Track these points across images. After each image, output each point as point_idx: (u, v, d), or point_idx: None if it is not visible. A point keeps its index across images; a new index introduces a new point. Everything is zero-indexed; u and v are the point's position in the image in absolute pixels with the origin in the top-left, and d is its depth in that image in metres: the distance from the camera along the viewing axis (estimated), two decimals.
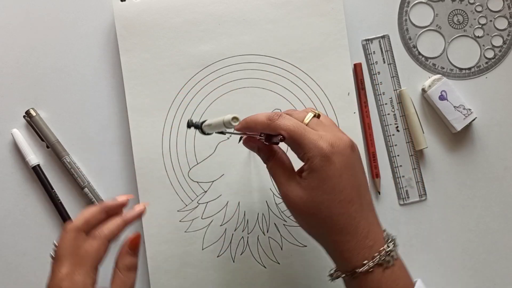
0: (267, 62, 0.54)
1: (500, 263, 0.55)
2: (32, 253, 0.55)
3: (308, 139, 0.39)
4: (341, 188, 0.38)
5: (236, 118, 0.38)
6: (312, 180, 0.39)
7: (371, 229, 0.39)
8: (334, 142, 0.39)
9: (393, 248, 0.39)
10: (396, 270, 0.39)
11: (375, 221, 0.40)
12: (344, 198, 0.38)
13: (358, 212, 0.39)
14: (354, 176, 0.39)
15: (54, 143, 0.54)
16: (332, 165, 0.38)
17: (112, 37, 0.55)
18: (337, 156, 0.38)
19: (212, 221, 0.53)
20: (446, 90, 0.54)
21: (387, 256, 0.38)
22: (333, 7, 0.53)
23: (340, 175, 0.38)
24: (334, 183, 0.38)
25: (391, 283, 0.38)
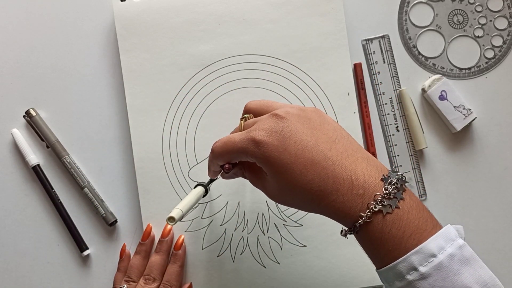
0: (267, 62, 0.54)
1: (500, 263, 0.55)
2: (32, 253, 0.55)
3: (239, 143, 0.38)
4: (293, 159, 0.36)
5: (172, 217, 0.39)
6: (269, 169, 0.37)
7: (355, 177, 0.35)
8: (263, 126, 0.38)
9: (394, 190, 0.35)
10: (403, 214, 0.34)
11: (360, 166, 0.36)
12: (303, 165, 0.36)
13: (328, 168, 0.35)
14: (302, 139, 0.36)
15: (54, 143, 0.54)
16: (269, 145, 0.36)
17: (112, 37, 0.55)
18: (271, 135, 0.37)
19: (212, 221, 0.53)
20: (446, 90, 0.54)
21: (386, 200, 0.34)
22: (333, 7, 0.53)
23: (285, 149, 0.36)
24: (284, 159, 0.36)
25: (395, 230, 0.34)
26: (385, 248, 0.34)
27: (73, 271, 0.54)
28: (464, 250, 0.34)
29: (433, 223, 0.35)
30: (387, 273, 0.35)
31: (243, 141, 0.38)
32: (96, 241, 0.55)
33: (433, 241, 0.34)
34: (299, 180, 0.36)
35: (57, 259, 0.55)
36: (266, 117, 0.39)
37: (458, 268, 0.33)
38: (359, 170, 0.36)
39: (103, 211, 0.54)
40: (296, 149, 0.36)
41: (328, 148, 0.37)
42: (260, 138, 0.37)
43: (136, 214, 0.54)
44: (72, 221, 0.54)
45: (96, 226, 0.55)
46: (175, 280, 0.51)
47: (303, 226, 0.53)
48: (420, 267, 0.33)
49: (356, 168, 0.36)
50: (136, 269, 0.51)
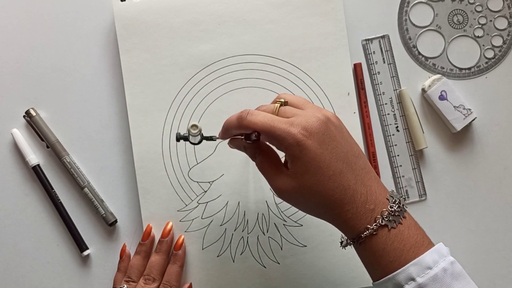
0: (267, 62, 0.54)
1: (500, 263, 0.55)
2: (32, 253, 0.55)
3: (279, 130, 0.38)
4: (326, 165, 0.38)
5: (195, 125, 0.39)
6: (297, 168, 0.38)
7: (370, 192, 0.38)
8: (306, 124, 0.38)
9: (398, 208, 0.38)
10: (404, 230, 0.38)
11: (373, 183, 0.39)
12: (333, 172, 0.38)
13: (351, 181, 0.38)
14: (337, 147, 0.39)
15: (54, 143, 0.54)
16: (311, 147, 0.38)
17: (112, 37, 0.55)
18: (313, 137, 0.38)
19: (212, 221, 0.53)
20: (446, 90, 0.54)
21: (391, 216, 0.38)
22: (333, 7, 0.53)
23: (322, 153, 0.38)
24: (318, 163, 0.38)
25: (397, 244, 0.37)
26: (386, 259, 0.37)
27: (73, 271, 0.54)
28: (454, 266, 0.37)
29: (428, 240, 0.39)
30: (386, 283, 0.37)
31: (284, 131, 0.38)
32: (96, 241, 0.55)
33: (429, 254, 0.37)
34: (324, 185, 0.38)
35: (57, 259, 0.55)
36: (309, 116, 0.39)
37: (450, 281, 0.36)
38: (373, 188, 0.39)
39: (103, 211, 0.54)
40: (331, 156, 0.38)
41: (354, 162, 0.39)
42: (302, 137, 0.38)
43: (136, 214, 0.54)
44: (72, 221, 0.54)
45: (96, 226, 0.55)
46: (175, 280, 0.51)
47: (303, 226, 0.53)
48: (417, 278, 0.36)
49: (371, 185, 0.39)
50: (136, 269, 0.51)
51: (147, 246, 0.52)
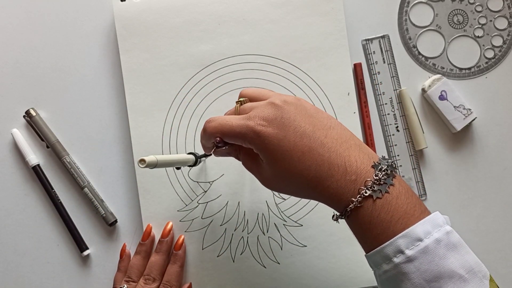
0: (267, 62, 0.54)
1: (500, 263, 0.55)
2: (32, 253, 0.55)
3: (237, 127, 0.38)
4: (292, 147, 0.37)
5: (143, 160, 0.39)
6: (266, 158, 0.38)
7: (349, 163, 0.36)
8: (263, 114, 0.38)
9: (384, 176, 0.36)
10: (392, 199, 0.35)
11: (353, 153, 0.37)
12: (302, 152, 0.37)
13: (324, 155, 0.37)
14: (299, 127, 0.38)
15: (54, 143, 0.54)
16: (270, 135, 0.37)
17: (112, 37, 0.55)
18: (271, 124, 0.38)
19: (212, 221, 0.53)
20: (446, 90, 0.54)
21: (376, 185, 0.35)
22: (333, 7, 0.53)
23: (284, 137, 0.37)
24: (283, 147, 0.37)
25: (384, 215, 0.35)
26: (374, 232, 0.35)
27: (73, 271, 0.54)
28: (451, 236, 0.35)
29: (421, 209, 0.36)
30: (375, 256, 0.36)
31: (242, 127, 0.38)
32: (96, 241, 0.55)
33: (420, 226, 0.35)
34: (296, 166, 0.37)
35: (57, 259, 0.55)
36: (265, 105, 0.39)
37: (444, 252, 0.34)
38: (352, 157, 0.37)
39: (103, 211, 0.54)
40: (295, 136, 0.37)
41: (324, 135, 0.38)
42: (260, 127, 0.38)
43: (136, 214, 0.54)
44: (72, 221, 0.54)
45: (96, 226, 0.55)
46: (175, 280, 0.51)
47: (303, 226, 0.53)
48: (406, 250, 0.34)
49: (349, 155, 0.37)
50: (136, 269, 0.51)
51: (147, 246, 0.52)
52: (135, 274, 0.51)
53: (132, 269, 0.51)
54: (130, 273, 0.51)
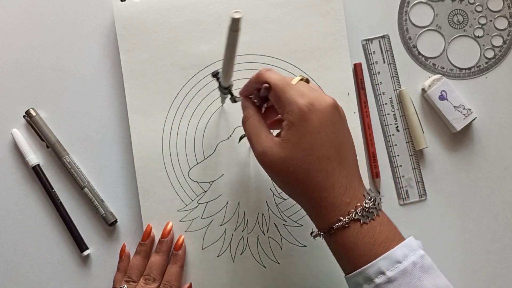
0: (267, 62, 0.54)
1: (500, 263, 0.55)
2: (32, 253, 0.55)
3: (289, 94, 0.39)
4: (319, 145, 0.38)
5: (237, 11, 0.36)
6: (291, 137, 0.39)
7: (349, 186, 0.39)
8: (315, 100, 0.39)
9: (373, 205, 0.39)
10: (376, 225, 0.38)
11: (355, 180, 0.40)
12: (323, 155, 0.38)
13: (336, 169, 0.39)
14: (334, 134, 0.39)
15: (54, 143, 0.54)
16: (311, 121, 0.38)
17: (112, 37, 0.55)
18: (316, 113, 0.38)
19: (212, 221, 0.53)
20: (446, 90, 0.54)
21: (365, 211, 0.38)
22: (333, 7, 0.53)
23: (319, 132, 0.38)
24: (312, 140, 0.38)
25: (369, 238, 0.38)
26: (357, 253, 0.38)
27: (73, 271, 0.54)
28: (424, 259, 0.38)
29: (399, 236, 0.40)
30: (357, 277, 0.38)
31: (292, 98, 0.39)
32: (96, 241, 0.55)
33: (399, 249, 0.37)
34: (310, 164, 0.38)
35: (57, 259, 0.55)
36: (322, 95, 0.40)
37: (419, 275, 0.37)
38: (354, 183, 0.40)
39: (103, 211, 0.54)
40: (326, 139, 0.39)
41: (345, 155, 0.40)
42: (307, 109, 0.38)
43: (136, 214, 0.54)
44: (72, 221, 0.54)
45: (96, 226, 0.55)
46: (175, 280, 0.51)
47: (303, 226, 0.53)
48: (387, 272, 0.37)
49: (353, 181, 0.40)
50: (136, 269, 0.51)
51: (147, 246, 0.52)
52: (135, 274, 0.51)
53: (132, 269, 0.51)
54: (130, 273, 0.51)
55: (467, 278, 0.54)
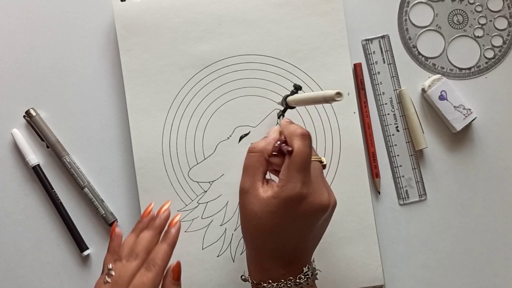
0: (267, 62, 0.54)
1: (500, 263, 0.55)
2: (32, 253, 0.55)
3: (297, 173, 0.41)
4: (284, 230, 0.41)
5: (339, 93, 0.38)
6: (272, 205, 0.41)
7: (292, 261, 0.42)
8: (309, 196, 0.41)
9: (302, 283, 0.42)
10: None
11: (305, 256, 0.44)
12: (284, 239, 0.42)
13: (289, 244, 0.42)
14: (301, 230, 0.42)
15: (54, 143, 0.54)
16: (293, 210, 0.41)
17: (112, 37, 0.55)
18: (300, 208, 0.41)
19: (212, 221, 0.53)
20: (446, 90, 0.54)
21: (294, 285, 0.42)
22: (333, 7, 0.53)
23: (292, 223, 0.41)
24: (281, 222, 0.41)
25: None
26: None
27: (73, 271, 0.54)
28: None
29: None
30: None
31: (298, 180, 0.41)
32: (96, 241, 0.55)
33: None
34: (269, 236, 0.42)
35: (57, 259, 0.55)
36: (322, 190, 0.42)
37: None
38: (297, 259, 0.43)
39: (103, 211, 0.54)
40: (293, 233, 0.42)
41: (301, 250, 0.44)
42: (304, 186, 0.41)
43: (136, 214, 0.54)
44: (72, 221, 0.54)
45: (96, 226, 0.55)
46: (161, 259, 0.44)
47: None
48: None
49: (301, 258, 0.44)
50: (127, 248, 0.45)
51: (144, 224, 0.47)
52: (125, 252, 0.45)
53: (123, 247, 0.45)
54: (121, 251, 0.45)
55: (467, 278, 0.54)
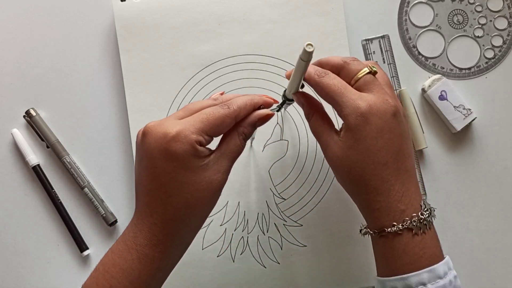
0: (267, 62, 0.54)
1: (500, 263, 0.55)
2: (32, 253, 0.55)
3: (346, 98, 0.39)
4: (375, 150, 0.39)
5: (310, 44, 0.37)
6: (348, 139, 0.39)
7: (405, 194, 0.39)
8: (374, 104, 0.39)
9: (427, 218, 0.39)
10: (427, 239, 0.39)
11: (411, 188, 0.40)
12: (378, 160, 0.39)
13: (392, 176, 0.39)
14: (391, 140, 0.39)
15: (54, 143, 0.54)
16: (368, 125, 0.38)
17: (112, 37, 0.55)
18: (374, 117, 0.38)
19: (212, 221, 0.53)
20: (446, 90, 0.54)
21: (419, 223, 0.39)
22: (333, 7, 0.53)
23: (376, 137, 0.38)
24: (368, 144, 0.38)
25: (418, 249, 0.39)
26: (404, 260, 0.39)
27: (73, 271, 0.54)
28: (456, 280, 0.40)
29: (442, 253, 0.41)
30: (397, 282, 0.39)
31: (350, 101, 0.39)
32: (96, 241, 0.55)
33: (442, 266, 0.39)
34: (365, 168, 0.39)
35: (57, 259, 0.55)
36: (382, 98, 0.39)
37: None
38: (410, 191, 0.40)
39: (103, 211, 0.54)
40: (383, 145, 0.39)
41: (402, 161, 0.40)
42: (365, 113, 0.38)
43: None
44: (72, 221, 0.54)
45: (96, 226, 0.55)
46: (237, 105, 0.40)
47: (303, 226, 0.53)
48: (428, 284, 0.38)
49: (409, 188, 0.40)
50: None
51: None
52: None
53: None
54: None
55: (467, 278, 0.54)
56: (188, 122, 0.38)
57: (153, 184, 0.39)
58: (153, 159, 0.38)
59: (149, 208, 0.39)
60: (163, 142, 0.37)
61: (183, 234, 0.40)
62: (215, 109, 0.39)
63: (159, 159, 0.38)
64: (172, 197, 0.38)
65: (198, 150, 0.38)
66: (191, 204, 0.39)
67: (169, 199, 0.38)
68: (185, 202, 0.38)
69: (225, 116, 0.39)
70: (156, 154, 0.38)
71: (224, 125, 0.39)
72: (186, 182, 0.38)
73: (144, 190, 0.40)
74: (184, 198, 0.38)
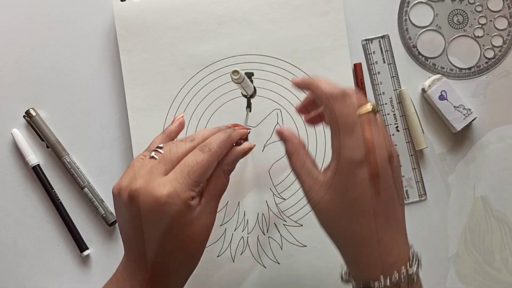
0: (267, 62, 0.54)
1: (500, 263, 0.55)
2: (32, 253, 0.55)
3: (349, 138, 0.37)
4: (366, 199, 0.37)
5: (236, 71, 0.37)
6: (337, 184, 0.37)
7: (395, 247, 0.37)
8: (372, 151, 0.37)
9: (416, 270, 0.37)
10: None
11: (401, 239, 0.38)
12: (369, 209, 0.37)
13: (382, 227, 0.37)
14: (384, 190, 0.37)
15: (54, 143, 0.54)
16: (360, 174, 0.36)
17: (112, 37, 0.55)
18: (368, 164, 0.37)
19: None
20: (446, 90, 0.54)
21: (407, 277, 0.37)
22: (333, 7, 0.53)
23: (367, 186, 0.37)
24: (359, 193, 0.37)
25: None
26: None
27: (73, 271, 0.54)
28: None
29: None
30: None
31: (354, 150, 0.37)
32: (96, 241, 0.55)
33: None
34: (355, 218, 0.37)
35: (57, 259, 0.55)
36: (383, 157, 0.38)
37: None
38: (399, 243, 0.38)
39: (103, 211, 0.54)
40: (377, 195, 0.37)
41: (393, 211, 0.38)
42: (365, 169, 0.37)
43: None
44: (72, 221, 0.54)
45: (96, 226, 0.55)
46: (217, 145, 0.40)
47: (303, 226, 0.53)
48: None
49: (398, 239, 0.38)
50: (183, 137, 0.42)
51: None
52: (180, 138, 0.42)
53: None
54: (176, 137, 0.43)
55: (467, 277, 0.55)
56: (176, 180, 0.37)
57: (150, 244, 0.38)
58: (147, 224, 0.37)
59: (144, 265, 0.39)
60: (155, 207, 0.36)
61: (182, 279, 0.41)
62: (198, 157, 0.38)
63: (153, 223, 0.37)
64: (173, 253, 0.38)
65: (191, 205, 0.37)
66: (192, 253, 0.39)
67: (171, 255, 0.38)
68: (185, 253, 0.38)
69: (209, 162, 0.38)
70: (150, 220, 0.37)
71: (210, 170, 0.39)
72: (184, 236, 0.38)
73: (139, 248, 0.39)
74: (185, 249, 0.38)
